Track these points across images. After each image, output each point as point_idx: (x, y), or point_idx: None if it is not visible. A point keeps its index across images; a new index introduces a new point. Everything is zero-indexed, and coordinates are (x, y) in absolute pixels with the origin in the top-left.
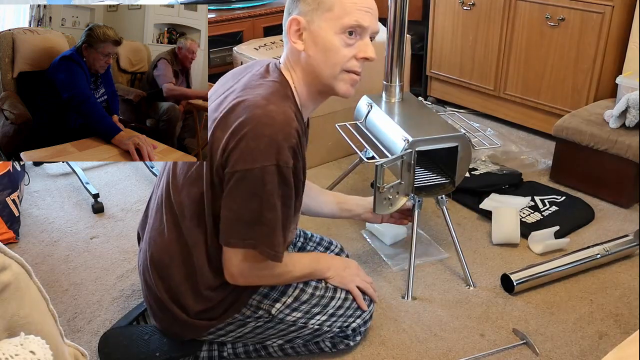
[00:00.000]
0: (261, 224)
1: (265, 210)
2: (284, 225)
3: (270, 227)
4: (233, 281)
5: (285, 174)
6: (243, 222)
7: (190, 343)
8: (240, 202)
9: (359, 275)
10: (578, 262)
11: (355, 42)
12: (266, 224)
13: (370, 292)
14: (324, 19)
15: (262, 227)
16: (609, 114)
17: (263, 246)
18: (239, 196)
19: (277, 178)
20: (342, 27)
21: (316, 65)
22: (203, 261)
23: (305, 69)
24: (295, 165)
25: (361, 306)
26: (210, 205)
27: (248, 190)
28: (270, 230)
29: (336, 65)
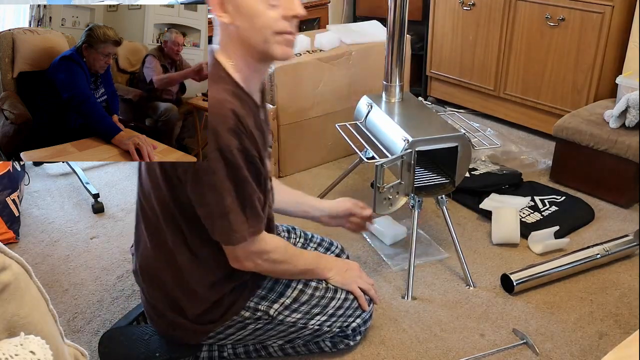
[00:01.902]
0: (225, 214)
1: (224, 199)
2: (244, 207)
3: (230, 213)
4: (241, 267)
5: (229, 157)
6: (216, 216)
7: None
8: (204, 197)
9: (361, 277)
10: (578, 262)
11: (280, 2)
12: (227, 212)
13: (372, 294)
14: None
15: (227, 216)
16: (609, 114)
17: (244, 229)
18: (201, 191)
19: (222, 163)
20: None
21: (246, 34)
22: (188, 262)
23: (238, 41)
24: (240, 143)
25: (363, 307)
26: (179, 206)
27: (204, 183)
28: (231, 216)
29: (265, 29)
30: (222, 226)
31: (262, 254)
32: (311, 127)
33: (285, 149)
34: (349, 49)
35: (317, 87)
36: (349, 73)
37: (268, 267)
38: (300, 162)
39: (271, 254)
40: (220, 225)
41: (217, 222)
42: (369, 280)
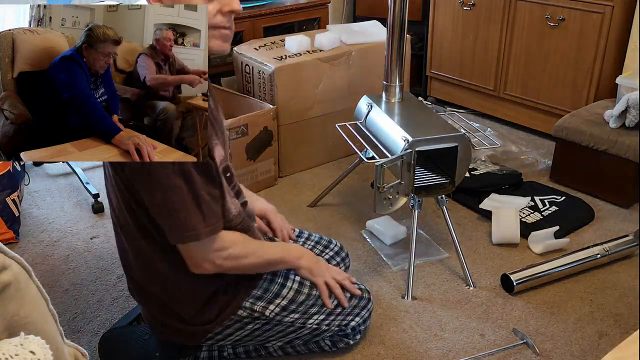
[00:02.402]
0: (177, 211)
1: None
2: (197, 203)
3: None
4: (202, 270)
5: None
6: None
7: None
8: (151, 196)
9: (330, 271)
10: (578, 262)
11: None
12: (179, 209)
13: (338, 292)
14: None
15: (179, 214)
16: (609, 114)
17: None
18: (146, 192)
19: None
20: None
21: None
22: (169, 267)
23: None
24: None
25: (325, 303)
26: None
27: (149, 182)
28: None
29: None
30: (174, 225)
31: (221, 251)
32: (311, 127)
33: (285, 149)
34: (349, 49)
35: (317, 87)
36: (349, 73)
37: (231, 264)
38: (300, 162)
39: (230, 249)
40: (172, 224)
41: (168, 221)
42: (339, 276)
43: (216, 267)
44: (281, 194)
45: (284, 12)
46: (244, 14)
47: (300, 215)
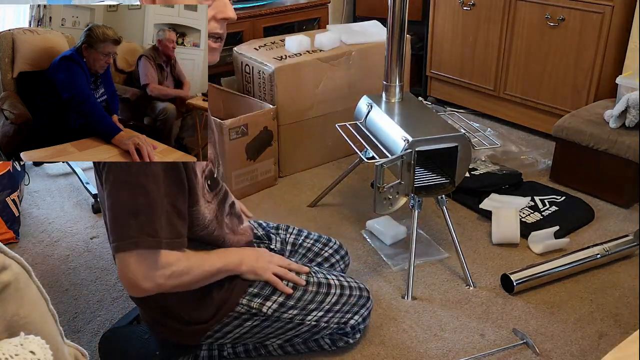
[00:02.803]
0: (136, 214)
1: (137, 196)
2: (165, 209)
3: (146, 213)
4: (140, 292)
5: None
6: (119, 219)
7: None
8: (112, 197)
9: (272, 261)
10: (578, 262)
11: (213, 3)
12: (142, 210)
13: (290, 277)
14: None
15: (139, 216)
16: (609, 114)
17: (143, 236)
18: (110, 191)
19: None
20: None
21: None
22: None
23: None
24: None
25: (284, 291)
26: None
27: (117, 180)
28: (147, 217)
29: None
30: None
31: (165, 268)
32: (311, 127)
33: (285, 149)
34: (349, 49)
35: (317, 87)
36: (349, 73)
37: (172, 282)
38: (300, 162)
39: (174, 266)
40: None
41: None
42: (282, 262)
43: (157, 287)
44: (281, 194)
45: (284, 12)
46: (244, 14)
47: (300, 215)
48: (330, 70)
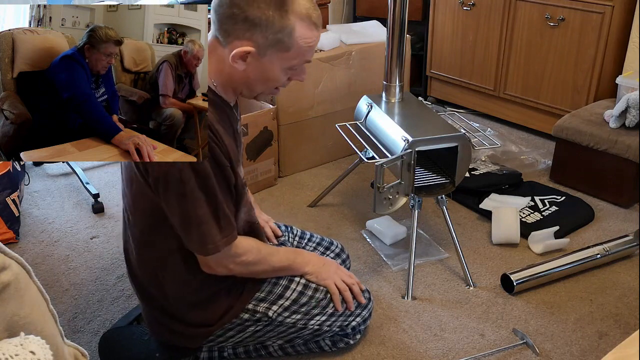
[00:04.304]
0: (198, 224)
1: (195, 209)
2: (216, 216)
3: (203, 224)
4: (211, 272)
5: (199, 167)
6: (187, 226)
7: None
8: (175, 208)
9: (338, 274)
10: (578, 262)
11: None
12: (200, 222)
13: (347, 295)
14: (279, 57)
15: (200, 227)
16: (609, 114)
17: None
18: (171, 203)
19: (192, 173)
20: (291, 66)
21: (250, 83)
22: (178, 267)
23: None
24: (210, 152)
25: (336, 306)
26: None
27: (174, 193)
28: (204, 227)
29: (271, 87)
30: (195, 236)
31: (235, 257)
32: (311, 127)
33: (285, 149)
34: (349, 49)
35: (317, 87)
36: (349, 73)
37: (242, 269)
38: (300, 162)
39: (244, 257)
40: (193, 236)
41: (189, 233)
42: (349, 280)
43: (228, 271)
44: (281, 194)
45: None
46: None
47: (300, 215)
48: (330, 70)
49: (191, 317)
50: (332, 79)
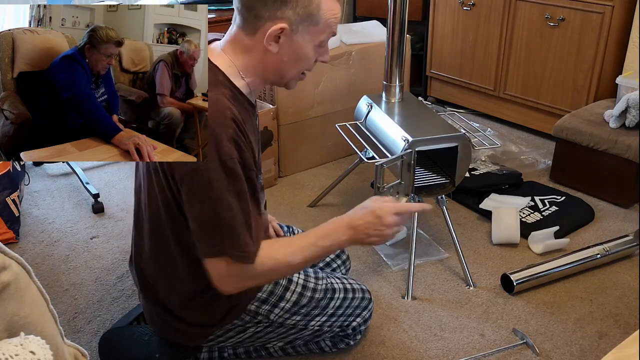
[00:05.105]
0: (221, 227)
1: (221, 211)
2: (247, 222)
3: (231, 227)
4: (225, 292)
5: (231, 167)
6: (205, 229)
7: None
8: (197, 208)
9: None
10: (578, 262)
11: (320, 48)
12: (226, 225)
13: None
14: (309, 31)
15: (223, 229)
16: (609, 114)
17: (231, 250)
18: (194, 202)
19: (223, 173)
20: (321, 41)
21: (283, 67)
22: (187, 268)
23: (265, 64)
24: (241, 156)
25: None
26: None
27: (199, 193)
28: (232, 231)
29: (302, 70)
30: (226, 241)
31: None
32: (311, 127)
33: (285, 149)
34: (349, 49)
35: (317, 87)
36: (349, 73)
37: (264, 281)
38: (300, 162)
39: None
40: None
41: (219, 236)
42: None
43: (241, 288)
44: (281, 194)
45: None
46: None
47: (300, 215)
48: (330, 70)
49: (194, 316)
50: (332, 79)
